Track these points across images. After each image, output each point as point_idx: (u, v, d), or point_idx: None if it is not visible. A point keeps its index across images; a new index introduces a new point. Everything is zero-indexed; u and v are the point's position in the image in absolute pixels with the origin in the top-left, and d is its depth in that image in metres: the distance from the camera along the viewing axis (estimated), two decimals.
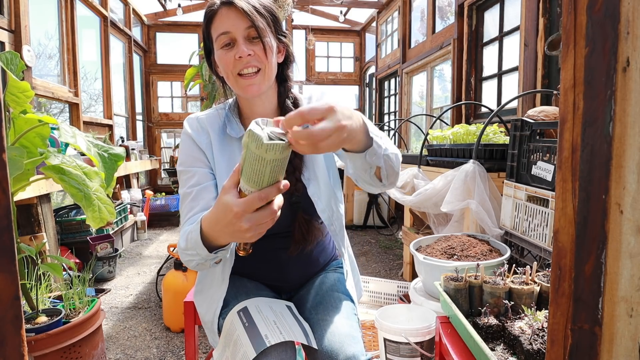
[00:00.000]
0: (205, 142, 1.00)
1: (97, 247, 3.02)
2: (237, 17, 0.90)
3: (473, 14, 3.44)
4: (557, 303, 0.44)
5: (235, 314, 0.95)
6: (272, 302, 0.99)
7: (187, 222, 0.92)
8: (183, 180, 0.99)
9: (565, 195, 0.42)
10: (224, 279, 1.03)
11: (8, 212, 0.36)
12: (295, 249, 1.02)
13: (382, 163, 0.82)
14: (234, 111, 1.04)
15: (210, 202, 0.94)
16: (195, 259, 0.84)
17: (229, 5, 0.90)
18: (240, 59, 0.91)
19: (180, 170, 1.00)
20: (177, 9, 5.58)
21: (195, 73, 2.77)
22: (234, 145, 1.01)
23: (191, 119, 1.04)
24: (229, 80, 0.96)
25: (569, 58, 0.41)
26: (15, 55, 1.38)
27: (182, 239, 0.87)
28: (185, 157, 1.00)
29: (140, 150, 4.92)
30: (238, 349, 0.88)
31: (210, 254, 0.82)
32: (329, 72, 6.82)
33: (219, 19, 0.91)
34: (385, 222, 4.69)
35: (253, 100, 1.00)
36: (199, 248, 0.80)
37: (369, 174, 0.85)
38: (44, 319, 1.42)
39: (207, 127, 1.02)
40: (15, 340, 0.37)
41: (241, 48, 0.90)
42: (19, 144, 1.34)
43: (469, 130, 2.09)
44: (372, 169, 0.83)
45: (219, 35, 0.91)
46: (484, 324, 0.84)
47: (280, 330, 0.88)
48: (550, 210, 1.27)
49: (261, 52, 0.92)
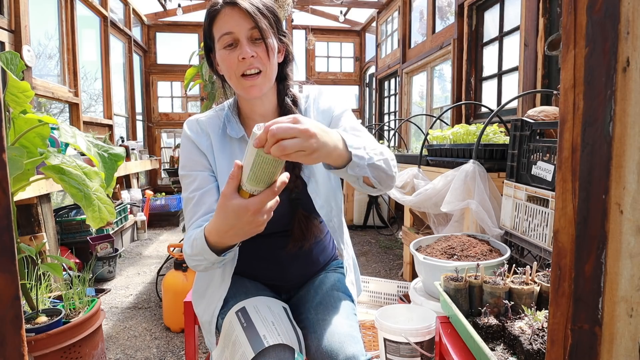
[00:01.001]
0: (206, 144, 1.01)
1: (97, 247, 3.02)
2: (240, 18, 0.90)
3: (473, 14, 3.44)
4: (557, 303, 0.44)
5: (234, 314, 0.95)
6: (270, 302, 0.99)
7: (191, 226, 0.94)
8: (185, 185, 1.00)
9: (565, 195, 0.42)
10: (224, 279, 1.03)
11: (8, 212, 0.36)
12: (295, 245, 1.03)
13: (368, 173, 0.83)
14: (233, 111, 1.05)
15: (213, 206, 0.95)
16: (203, 264, 0.87)
17: (232, 5, 0.90)
18: (244, 60, 0.91)
19: (182, 174, 1.01)
20: (177, 9, 5.58)
21: (195, 73, 2.77)
22: (234, 146, 1.02)
23: (191, 122, 1.04)
24: (231, 81, 0.96)
25: (569, 58, 0.41)
26: (15, 55, 1.38)
27: (187, 246, 0.88)
28: (186, 161, 1.01)
29: (140, 150, 4.92)
30: (237, 349, 0.88)
31: (219, 257, 0.84)
32: (329, 72, 6.82)
33: (222, 18, 0.91)
34: (385, 222, 4.69)
35: (253, 100, 1.00)
36: (207, 254, 0.83)
37: (358, 184, 0.87)
38: (44, 319, 1.42)
39: (207, 129, 1.02)
40: (15, 340, 0.37)
41: (244, 49, 0.90)
42: (19, 144, 1.34)
43: (469, 130, 2.09)
44: (360, 179, 0.85)
45: (222, 35, 0.91)
46: (484, 324, 0.84)
47: (278, 332, 0.89)
48: (550, 210, 1.27)
49: (264, 53, 0.92)
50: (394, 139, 5.00)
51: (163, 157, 6.30)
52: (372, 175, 0.84)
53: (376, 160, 0.84)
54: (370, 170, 0.83)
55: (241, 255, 1.05)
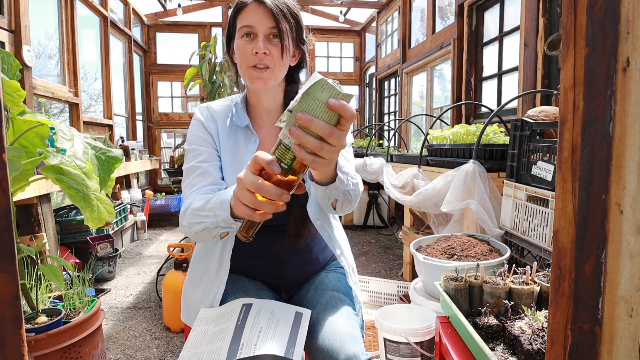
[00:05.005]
0: (214, 129, 1.06)
1: (97, 247, 3.02)
2: (263, 15, 0.96)
3: (473, 14, 3.44)
4: (557, 303, 0.44)
5: (240, 305, 0.95)
6: (279, 307, 0.96)
7: (194, 192, 0.96)
8: (190, 157, 1.04)
9: (565, 195, 0.42)
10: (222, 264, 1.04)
11: (8, 212, 0.36)
12: (289, 241, 1.04)
13: (340, 197, 0.89)
14: (242, 101, 1.11)
15: (218, 179, 1.00)
16: (206, 222, 0.86)
17: (259, 2, 0.96)
18: (257, 55, 0.96)
19: (189, 148, 1.05)
20: (177, 9, 5.58)
21: (195, 73, 2.77)
22: (239, 134, 1.07)
23: (202, 107, 1.11)
24: (241, 69, 1.01)
25: (569, 58, 0.41)
26: (8, 55, 1.38)
27: (197, 201, 0.90)
28: (193, 138, 1.05)
29: (140, 150, 4.92)
30: (219, 338, 0.87)
31: (230, 219, 0.83)
32: (329, 72, 6.82)
33: (248, 12, 0.97)
34: (385, 222, 4.69)
35: (260, 93, 1.06)
36: (221, 209, 0.82)
37: (326, 203, 0.92)
38: (44, 319, 1.42)
39: (217, 116, 1.08)
40: (15, 340, 0.37)
41: (259, 45, 0.96)
42: (18, 143, 1.33)
43: (469, 130, 2.09)
44: (330, 200, 0.90)
45: (243, 26, 0.97)
46: (484, 324, 0.84)
47: (256, 342, 0.85)
48: (550, 210, 1.27)
49: (277, 52, 0.97)
50: (394, 139, 5.00)
51: (163, 157, 6.30)
52: (341, 200, 0.90)
53: (351, 189, 0.90)
54: (343, 196, 0.89)
55: (239, 253, 1.05)
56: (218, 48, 3.14)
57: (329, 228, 1.11)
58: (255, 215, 0.68)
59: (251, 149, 1.04)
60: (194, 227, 0.90)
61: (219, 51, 3.17)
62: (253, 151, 1.04)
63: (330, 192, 0.86)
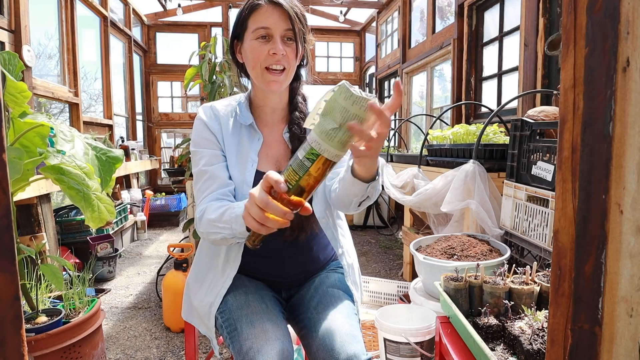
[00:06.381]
0: (217, 129, 1.07)
1: (97, 247, 3.02)
2: (280, 17, 0.96)
3: (473, 14, 3.44)
4: (557, 303, 0.44)
5: None
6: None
7: (205, 198, 0.98)
8: (196, 160, 1.05)
9: (565, 195, 0.42)
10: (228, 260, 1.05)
11: (8, 212, 0.36)
12: (291, 234, 1.04)
13: (373, 195, 0.92)
14: (246, 100, 1.12)
15: (226, 180, 1.02)
16: (223, 233, 0.90)
17: (275, 5, 0.97)
18: (274, 56, 0.97)
19: (194, 150, 1.06)
20: (177, 9, 5.58)
21: (195, 73, 2.76)
22: (243, 132, 1.08)
23: (206, 107, 1.11)
24: (254, 70, 1.01)
25: (569, 58, 0.41)
26: (13, 56, 1.38)
27: (212, 212, 0.92)
28: (199, 139, 1.06)
29: (140, 150, 4.92)
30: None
31: (246, 233, 0.86)
32: (329, 72, 6.82)
33: (262, 13, 0.97)
34: (385, 222, 4.69)
35: (268, 94, 1.07)
36: (237, 224, 0.86)
37: (357, 200, 0.92)
38: (44, 319, 1.42)
39: (220, 115, 1.09)
40: (15, 340, 0.37)
41: (278, 46, 0.97)
42: (19, 143, 1.33)
43: (469, 130, 2.09)
44: (364, 197, 0.92)
45: (257, 27, 0.97)
46: (484, 324, 0.84)
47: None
48: (550, 210, 1.27)
49: (292, 53, 1.00)
50: (394, 139, 5.00)
51: (163, 157, 6.30)
52: (371, 197, 0.93)
53: (378, 189, 0.93)
54: (374, 194, 0.92)
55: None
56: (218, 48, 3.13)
57: (333, 227, 1.12)
58: (262, 229, 0.73)
59: (255, 147, 1.05)
60: (211, 235, 0.93)
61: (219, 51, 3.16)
62: (257, 149, 1.05)
63: (370, 189, 0.88)
